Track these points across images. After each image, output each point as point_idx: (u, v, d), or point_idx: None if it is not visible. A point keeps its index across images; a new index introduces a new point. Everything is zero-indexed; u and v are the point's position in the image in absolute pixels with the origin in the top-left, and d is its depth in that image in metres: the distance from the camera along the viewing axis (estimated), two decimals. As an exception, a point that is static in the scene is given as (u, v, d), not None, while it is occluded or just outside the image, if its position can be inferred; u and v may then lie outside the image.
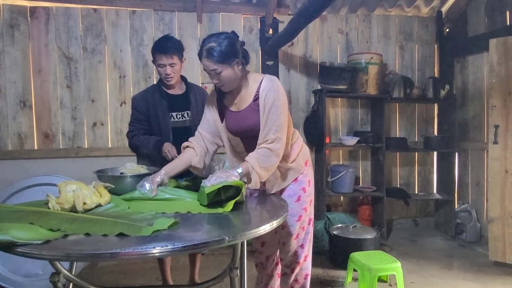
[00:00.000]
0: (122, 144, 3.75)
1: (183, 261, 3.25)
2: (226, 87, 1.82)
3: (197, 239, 1.19)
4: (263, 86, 1.80)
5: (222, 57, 1.72)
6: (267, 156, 1.76)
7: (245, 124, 1.84)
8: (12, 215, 1.40)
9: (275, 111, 1.76)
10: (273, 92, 1.77)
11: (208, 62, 1.73)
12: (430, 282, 2.93)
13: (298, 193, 1.99)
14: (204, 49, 1.74)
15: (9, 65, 3.52)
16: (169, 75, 2.28)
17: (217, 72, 1.74)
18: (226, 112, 1.93)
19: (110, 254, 1.08)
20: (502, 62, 3.17)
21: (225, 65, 1.73)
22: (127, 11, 3.71)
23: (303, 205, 1.99)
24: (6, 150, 3.54)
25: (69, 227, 1.32)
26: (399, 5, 4.18)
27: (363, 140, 3.87)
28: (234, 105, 1.90)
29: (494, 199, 3.23)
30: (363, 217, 3.98)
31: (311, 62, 4.10)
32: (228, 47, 1.73)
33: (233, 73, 1.77)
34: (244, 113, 1.85)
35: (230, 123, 1.91)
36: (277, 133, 1.77)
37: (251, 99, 1.84)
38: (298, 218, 1.99)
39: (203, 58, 1.75)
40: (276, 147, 1.77)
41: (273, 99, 1.77)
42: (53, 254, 1.13)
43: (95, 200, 1.59)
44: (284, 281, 2.11)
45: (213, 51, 1.71)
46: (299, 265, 2.05)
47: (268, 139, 1.77)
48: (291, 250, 2.02)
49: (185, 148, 1.94)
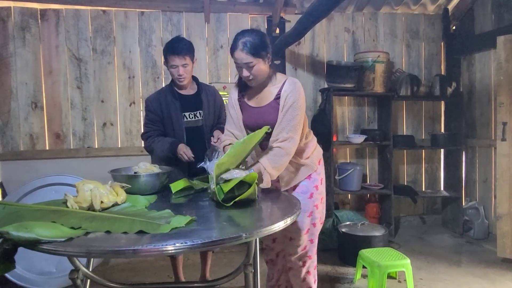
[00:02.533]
0: (131, 144, 3.80)
1: (193, 259, 3.29)
2: (254, 81, 1.88)
3: (215, 236, 1.23)
4: (286, 87, 1.89)
5: (256, 50, 1.80)
6: (278, 155, 1.82)
7: (264, 120, 1.90)
8: (34, 214, 1.44)
9: (292, 112, 1.84)
10: (293, 94, 1.86)
11: (243, 55, 1.80)
12: (439, 279, 2.95)
13: (311, 190, 2.05)
14: (239, 42, 1.80)
15: (20, 66, 3.57)
16: (182, 76, 2.31)
17: (250, 65, 1.81)
18: (245, 107, 2.00)
19: (132, 251, 1.12)
20: (510, 59, 3.18)
21: (259, 58, 1.81)
22: (135, 12, 3.76)
23: (315, 202, 2.06)
24: (18, 151, 3.60)
25: (90, 225, 1.36)
26: (406, 3, 4.18)
27: (370, 138, 3.88)
28: (254, 101, 1.97)
29: (502, 196, 3.24)
30: (371, 215, 4.00)
31: (318, 61, 4.12)
32: (262, 41, 1.82)
33: (263, 68, 1.85)
34: (264, 110, 1.93)
35: (248, 118, 1.98)
36: (290, 132, 1.84)
37: (273, 97, 1.92)
38: (309, 214, 2.05)
39: (237, 51, 1.81)
40: (288, 146, 1.83)
41: (292, 101, 1.85)
42: (77, 251, 1.17)
43: (112, 199, 1.63)
44: (295, 275, 2.16)
45: (249, 44, 1.79)
46: (310, 259, 2.12)
47: (280, 137, 1.83)
48: (301, 244, 2.07)
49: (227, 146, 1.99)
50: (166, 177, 1.99)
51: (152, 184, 1.91)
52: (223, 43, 3.90)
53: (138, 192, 1.85)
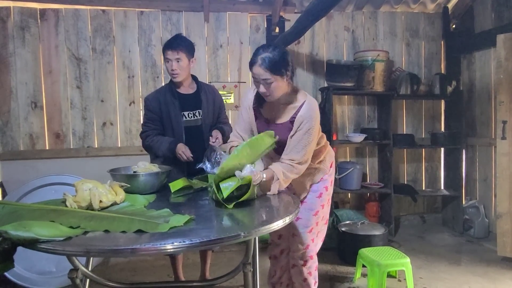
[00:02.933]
0: (131, 143, 3.80)
1: (193, 258, 3.29)
2: (271, 97, 1.85)
3: (213, 235, 1.23)
4: (302, 112, 1.87)
5: (275, 67, 1.76)
6: (290, 171, 1.86)
7: (279, 137, 1.89)
8: (33, 214, 1.45)
9: (308, 137, 1.85)
10: (310, 120, 1.85)
11: (261, 70, 1.76)
12: (439, 278, 2.95)
13: (321, 190, 2.09)
14: (259, 57, 1.77)
15: (20, 66, 3.57)
16: (175, 71, 2.31)
17: (267, 81, 1.78)
18: (259, 116, 2.00)
19: (130, 250, 1.12)
20: (509, 58, 3.18)
21: (276, 76, 1.77)
22: (135, 12, 3.76)
23: (322, 202, 2.10)
24: (18, 151, 3.60)
25: (88, 224, 1.36)
26: (405, 2, 4.18)
27: (370, 137, 3.88)
28: (269, 114, 1.97)
29: (502, 195, 3.24)
30: (371, 214, 4.00)
31: (318, 60, 4.12)
32: (282, 58, 1.78)
33: (282, 85, 1.82)
34: (278, 128, 1.92)
35: (261, 129, 1.98)
36: (304, 156, 1.87)
37: (288, 119, 1.91)
38: (315, 213, 2.09)
39: (256, 66, 1.77)
40: (300, 168, 1.88)
41: (308, 127, 1.85)
42: (76, 250, 1.17)
43: (110, 198, 1.63)
44: (297, 273, 2.17)
45: (268, 60, 1.75)
46: (311, 259, 2.14)
47: (294, 158, 1.86)
48: (304, 242, 2.08)
49: (234, 147, 1.98)
50: (165, 177, 1.99)
51: (151, 183, 1.91)
52: (222, 42, 3.90)
53: (137, 192, 1.85)
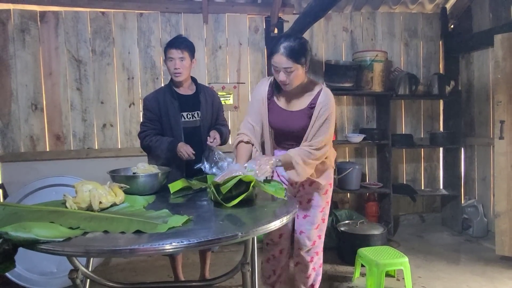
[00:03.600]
0: (131, 144, 3.82)
1: (193, 258, 3.31)
2: (290, 86, 1.90)
3: (211, 235, 1.24)
4: (321, 99, 1.93)
5: (297, 56, 1.81)
6: (307, 156, 1.90)
7: (295, 125, 1.97)
8: (33, 215, 1.46)
9: (327, 123, 1.92)
10: (329, 107, 1.92)
11: (283, 59, 1.81)
12: (437, 277, 2.97)
13: (326, 187, 2.14)
14: (281, 46, 1.81)
15: (20, 68, 3.60)
16: (178, 69, 2.33)
17: (288, 70, 1.83)
18: (274, 106, 2.02)
19: (129, 250, 1.14)
20: (507, 58, 3.19)
21: (297, 64, 1.83)
22: (134, 14, 3.78)
23: (327, 199, 2.15)
24: (18, 152, 3.62)
25: (88, 225, 1.38)
26: (404, 2, 4.20)
27: (369, 137, 3.90)
28: (285, 103, 2.01)
29: (500, 194, 3.25)
30: (370, 214, 4.02)
31: (317, 60, 4.13)
32: (303, 48, 1.84)
33: (301, 74, 1.88)
34: (295, 114, 1.97)
35: (276, 119, 2.01)
36: (322, 142, 1.92)
37: (306, 105, 1.96)
38: (321, 210, 2.13)
39: (278, 54, 1.82)
40: (319, 153, 1.92)
41: (328, 113, 1.92)
42: (75, 251, 1.19)
43: (110, 199, 1.65)
44: (302, 270, 2.22)
45: (290, 49, 1.80)
46: (317, 255, 2.20)
47: (313, 145, 1.91)
48: (311, 239, 2.14)
49: (244, 143, 2.02)
50: (164, 178, 2.00)
51: (151, 184, 1.92)
52: (221, 43, 3.92)
53: (136, 193, 1.86)
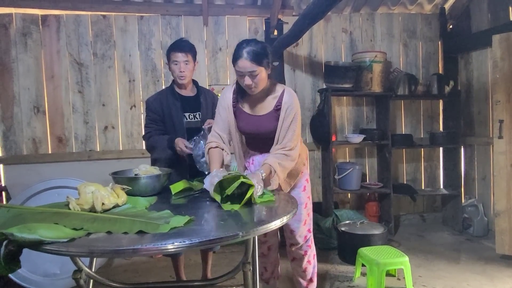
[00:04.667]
0: (132, 146, 3.85)
1: (195, 259, 3.33)
2: (256, 90, 1.94)
3: (212, 234, 1.27)
4: (286, 100, 1.97)
5: (260, 59, 1.85)
6: (286, 160, 1.94)
7: (264, 128, 2.01)
8: (37, 216, 1.49)
9: (294, 124, 1.96)
10: (294, 107, 1.97)
11: (247, 63, 1.85)
12: (437, 276, 2.98)
13: (304, 183, 2.21)
14: (244, 51, 1.85)
15: (22, 72, 3.63)
16: (183, 72, 2.37)
17: (253, 73, 1.86)
18: (241, 113, 2.06)
19: (132, 250, 1.16)
20: (505, 58, 3.21)
21: (262, 67, 1.87)
22: (135, 17, 3.81)
23: (307, 194, 2.22)
24: (21, 155, 3.65)
25: (91, 226, 1.40)
26: (402, 3, 4.22)
27: (369, 137, 3.92)
28: (251, 108, 2.04)
29: (500, 193, 3.27)
30: (371, 214, 4.03)
31: (316, 61, 4.16)
32: (264, 50, 1.88)
33: (265, 76, 1.92)
34: (263, 118, 2.01)
35: (244, 125, 2.05)
36: (294, 141, 1.98)
37: (272, 107, 2.00)
38: (305, 206, 2.20)
39: (242, 59, 1.85)
40: (293, 153, 1.97)
41: (294, 113, 1.96)
42: (80, 251, 1.21)
43: (112, 200, 1.67)
44: (297, 264, 2.29)
45: (252, 53, 1.84)
46: (310, 248, 2.26)
47: (286, 146, 1.95)
48: (302, 235, 2.20)
49: (213, 148, 2.04)
50: (166, 179, 2.02)
51: (152, 185, 1.94)
52: (221, 45, 3.95)
53: (138, 194, 1.89)
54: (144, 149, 3.75)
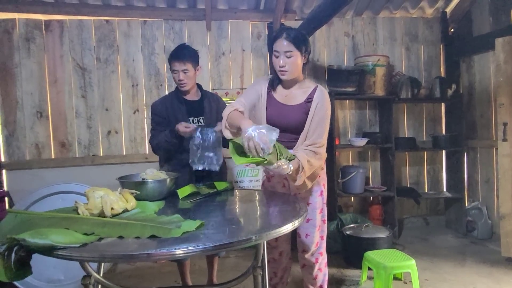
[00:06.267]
0: (136, 151, 3.84)
1: (200, 264, 3.31)
2: (288, 74, 1.95)
3: (225, 238, 1.26)
4: (318, 94, 1.98)
5: (298, 42, 1.89)
6: (313, 157, 1.94)
7: (292, 119, 2.00)
8: (46, 222, 1.48)
9: (325, 121, 1.97)
10: (326, 104, 1.98)
11: (286, 43, 1.88)
12: (444, 279, 2.97)
13: (321, 188, 2.16)
14: (284, 32, 1.89)
15: (25, 77, 3.62)
16: (182, 81, 2.38)
17: (289, 55, 1.89)
18: (272, 100, 2.05)
19: (146, 255, 1.15)
20: (508, 61, 3.22)
21: (298, 51, 1.90)
22: (138, 22, 3.81)
23: (323, 200, 2.17)
24: (24, 160, 3.63)
25: (102, 230, 1.39)
26: (404, 7, 4.24)
27: (372, 140, 3.92)
28: (282, 97, 2.04)
29: (505, 196, 3.27)
30: (374, 217, 4.02)
31: (319, 65, 4.17)
32: (304, 37, 1.92)
33: (299, 63, 1.94)
34: (292, 109, 2.01)
35: (273, 112, 2.03)
36: (324, 139, 1.98)
37: (303, 99, 2.01)
38: (320, 211, 2.16)
39: (281, 39, 1.89)
40: (322, 151, 1.98)
41: (325, 110, 1.97)
42: (92, 256, 1.20)
43: (122, 205, 1.66)
44: (308, 271, 2.24)
45: (292, 35, 1.88)
46: (321, 255, 2.21)
47: (316, 142, 1.96)
48: (315, 241, 2.16)
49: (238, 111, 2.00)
50: (173, 183, 2.02)
51: (160, 190, 1.94)
52: (224, 50, 3.95)
53: (146, 198, 1.88)
54: (148, 154, 3.77)
